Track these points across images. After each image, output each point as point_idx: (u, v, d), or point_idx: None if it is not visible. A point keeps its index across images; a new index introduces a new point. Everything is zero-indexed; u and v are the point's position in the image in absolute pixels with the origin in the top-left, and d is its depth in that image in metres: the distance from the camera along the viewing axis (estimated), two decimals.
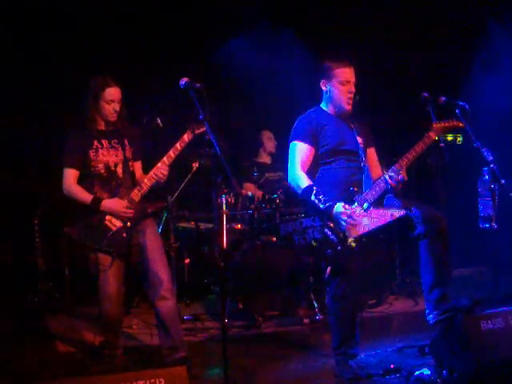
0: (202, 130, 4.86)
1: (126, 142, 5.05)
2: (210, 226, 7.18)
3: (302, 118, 4.96)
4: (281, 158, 6.80)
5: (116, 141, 5.00)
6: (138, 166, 5.16)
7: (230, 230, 6.52)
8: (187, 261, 7.20)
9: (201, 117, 4.21)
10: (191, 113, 4.38)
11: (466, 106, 4.89)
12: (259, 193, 6.98)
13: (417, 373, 4.44)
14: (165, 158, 4.89)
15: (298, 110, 5.02)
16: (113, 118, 4.96)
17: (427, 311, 4.78)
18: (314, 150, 4.82)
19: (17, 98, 7.15)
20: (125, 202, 4.85)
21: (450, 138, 5.41)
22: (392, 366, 4.59)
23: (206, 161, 6.39)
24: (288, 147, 4.92)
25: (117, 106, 4.94)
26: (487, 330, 4.19)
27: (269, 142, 7.72)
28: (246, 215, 6.79)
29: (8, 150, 7.17)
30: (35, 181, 7.26)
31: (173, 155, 4.91)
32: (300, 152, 4.81)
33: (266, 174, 7.01)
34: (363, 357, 4.86)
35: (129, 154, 5.04)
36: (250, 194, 6.75)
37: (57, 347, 5.56)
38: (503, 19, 7.92)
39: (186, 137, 4.93)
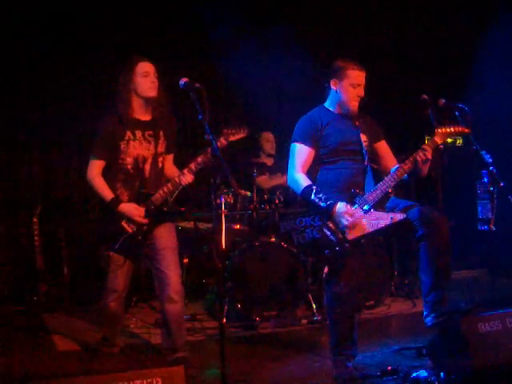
0: (238, 136, 4.76)
1: (160, 134, 4.87)
2: (209, 225, 7.18)
3: (303, 118, 4.93)
4: (283, 159, 6.85)
5: (151, 132, 4.83)
6: (169, 159, 5.03)
7: (229, 230, 6.52)
8: (186, 260, 7.19)
9: (200, 117, 4.18)
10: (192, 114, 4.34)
11: (466, 109, 4.89)
12: (273, 182, 7.01)
13: (414, 374, 4.45)
14: (192, 165, 4.73)
15: (301, 110, 4.99)
16: (152, 92, 4.75)
17: (425, 313, 4.77)
18: (313, 152, 4.81)
19: (17, 95, 7.16)
20: (142, 211, 4.74)
21: (449, 140, 5.40)
22: (389, 367, 4.59)
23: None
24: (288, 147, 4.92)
25: (154, 79, 4.74)
26: (485, 332, 4.20)
27: (266, 143, 7.69)
28: (245, 215, 6.79)
29: (7, 148, 7.17)
30: (34, 180, 7.26)
31: (201, 162, 4.72)
32: (299, 153, 4.80)
33: (265, 177, 7.00)
34: (361, 358, 4.84)
35: (161, 149, 4.88)
36: (249, 194, 6.75)
37: (56, 346, 5.55)
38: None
39: (219, 144, 4.67)
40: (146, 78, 4.72)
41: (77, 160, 7.32)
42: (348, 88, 4.80)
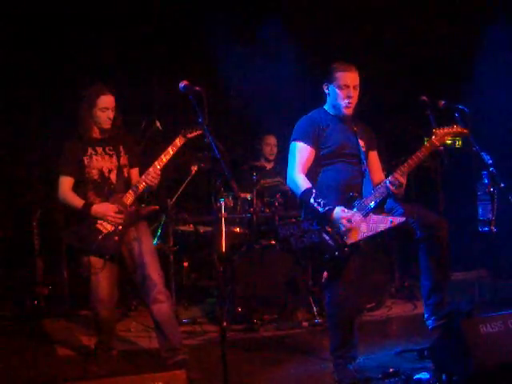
0: (194, 134, 4.95)
1: (121, 148, 5.09)
2: (209, 229, 7.17)
3: (304, 118, 4.92)
4: (281, 162, 6.85)
5: (111, 147, 5.06)
6: (134, 173, 5.17)
7: (229, 233, 6.51)
8: (186, 264, 7.20)
9: (200, 120, 4.20)
10: (187, 116, 4.37)
11: (466, 110, 4.89)
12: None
13: (416, 376, 4.44)
14: (156, 163, 4.92)
15: (301, 113, 4.99)
16: (107, 125, 5.00)
17: (426, 315, 4.77)
18: (314, 151, 4.78)
19: (16, 101, 7.15)
20: (115, 207, 4.89)
21: (449, 141, 5.39)
22: (391, 369, 4.58)
23: (206, 164, 6.38)
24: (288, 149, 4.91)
25: (111, 114, 4.99)
26: (486, 333, 4.19)
27: (266, 147, 7.68)
28: (245, 218, 6.78)
29: (7, 153, 7.16)
30: (34, 184, 7.25)
31: (164, 160, 4.94)
32: (300, 152, 4.77)
33: (262, 181, 6.99)
34: (362, 360, 4.83)
35: (124, 161, 5.09)
36: (249, 197, 6.74)
37: (55, 351, 5.54)
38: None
39: (178, 141, 4.97)
40: (103, 113, 4.97)
41: None
42: (336, 89, 4.78)
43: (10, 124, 7.16)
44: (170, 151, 4.94)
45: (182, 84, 4.30)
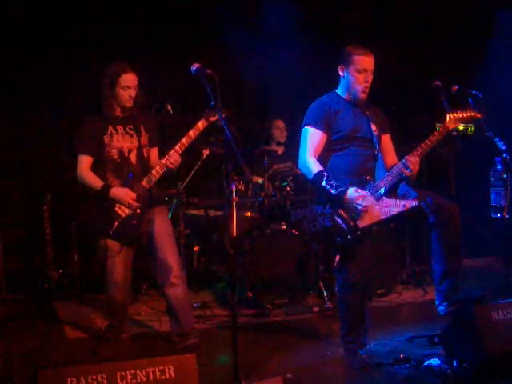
0: (216, 117, 4.87)
1: (141, 128, 5.06)
2: (220, 213, 7.16)
3: (316, 102, 4.90)
4: (292, 147, 6.82)
5: (131, 127, 5.02)
6: (154, 153, 5.16)
7: (240, 218, 6.49)
8: (196, 248, 7.20)
9: (212, 103, 4.18)
10: (203, 100, 4.34)
11: (480, 95, 4.85)
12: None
13: (426, 362, 4.43)
14: (177, 146, 4.90)
15: (311, 97, 4.96)
16: (128, 103, 4.97)
17: (437, 301, 4.75)
18: (326, 136, 4.76)
19: (28, 84, 7.14)
20: (133, 195, 4.87)
21: (461, 127, 5.37)
22: (402, 355, 4.56)
23: (217, 148, 6.36)
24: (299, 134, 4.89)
25: (132, 93, 4.95)
26: (498, 320, 4.20)
27: (276, 131, 7.62)
28: (257, 203, 6.77)
29: (17, 138, 7.16)
30: (45, 168, 7.26)
31: (186, 143, 4.92)
32: (312, 138, 4.75)
33: (274, 166, 6.97)
34: (372, 346, 4.84)
35: (144, 141, 5.06)
36: (260, 181, 6.72)
37: (66, 333, 5.56)
38: None
39: (201, 124, 4.94)
40: (125, 91, 4.93)
41: None
42: (354, 74, 4.75)
43: (17, 111, 7.15)
44: (192, 134, 4.92)
45: (193, 67, 4.27)
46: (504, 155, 4.98)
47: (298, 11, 7.78)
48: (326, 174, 4.57)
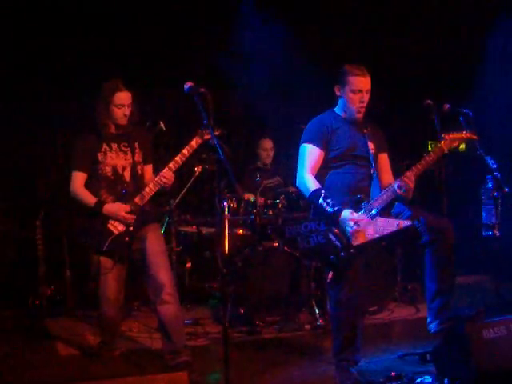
0: (210, 135, 4.87)
1: (136, 145, 5.08)
2: (212, 230, 7.16)
3: (314, 120, 4.95)
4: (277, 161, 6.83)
5: (126, 144, 5.05)
6: (148, 170, 5.19)
7: (232, 235, 6.50)
8: (189, 265, 7.19)
9: (205, 121, 4.20)
10: (196, 118, 4.36)
11: (470, 114, 4.89)
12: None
13: (418, 380, 4.44)
14: (171, 164, 4.92)
15: (299, 115, 4.99)
16: (123, 121, 4.99)
17: (429, 319, 4.77)
18: (324, 154, 4.81)
19: (20, 98, 7.14)
20: (127, 207, 4.89)
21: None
22: (393, 373, 4.57)
23: (209, 165, 6.37)
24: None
25: (127, 111, 4.97)
26: (489, 338, 4.19)
27: (262, 152, 7.59)
28: (248, 220, 6.77)
29: (10, 152, 7.16)
30: (37, 184, 7.26)
31: (179, 161, 4.95)
32: (310, 155, 4.80)
33: (264, 182, 6.98)
34: (364, 364, 4.83)
35: (138, 158, 5.08)
36: (252, 199, 6.73)
37: (58, 350, 5.54)
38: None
39: (195, 142, 4.97)
40: (119, 110, 4.96)
41: None
42: (349, 94, 4.80)
43: (10, 127, 7.15)
44: (186, 152, 4.95)
45: (186, 85, 4.29)
46: (495, 173, 5.00)
47: (284, 30, 7.79)
48: (323, 191, 4.61)
